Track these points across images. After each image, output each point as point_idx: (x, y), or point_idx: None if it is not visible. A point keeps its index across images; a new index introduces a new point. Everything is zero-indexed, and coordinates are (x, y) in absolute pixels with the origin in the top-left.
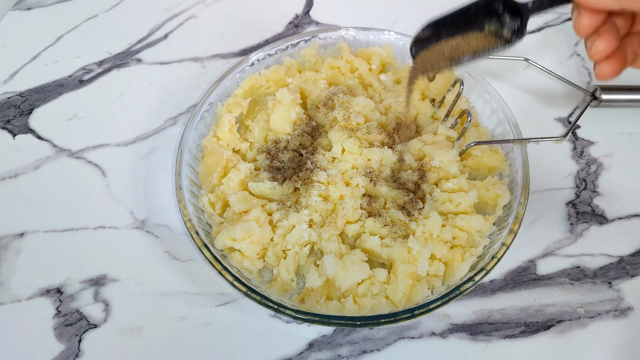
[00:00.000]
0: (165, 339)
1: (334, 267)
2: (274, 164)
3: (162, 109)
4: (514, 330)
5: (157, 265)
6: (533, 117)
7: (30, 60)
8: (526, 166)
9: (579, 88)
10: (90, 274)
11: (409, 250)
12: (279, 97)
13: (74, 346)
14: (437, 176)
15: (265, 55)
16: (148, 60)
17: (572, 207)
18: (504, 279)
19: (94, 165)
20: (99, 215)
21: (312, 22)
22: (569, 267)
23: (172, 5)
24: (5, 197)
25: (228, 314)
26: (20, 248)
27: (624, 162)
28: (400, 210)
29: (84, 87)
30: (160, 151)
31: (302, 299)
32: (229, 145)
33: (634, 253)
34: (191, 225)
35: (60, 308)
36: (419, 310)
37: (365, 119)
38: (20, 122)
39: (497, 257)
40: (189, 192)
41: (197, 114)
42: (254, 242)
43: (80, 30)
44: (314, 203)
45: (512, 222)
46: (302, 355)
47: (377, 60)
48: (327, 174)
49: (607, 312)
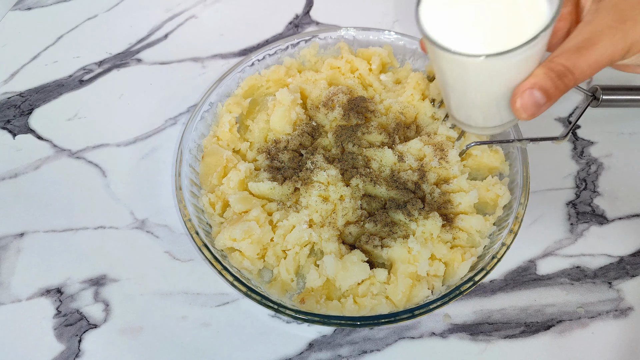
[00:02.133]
0: (165, 339)
1: (334, 267)
2: (274, 164)
3: (162, 109)
4: (514, 330)
5: (157, 265)
6: None
7: (30, 60)
8: (526, 166)
9: (579, 88)
10: (90, 274)
11: (409, 250)
12: (279, 97)
13: (74, 346)
14: (437, 176)
15: (265, 55)
16: (148, 60)
17: (572, 207)
18: (504, 279)
19: (94, 165)
20: (99, 215)
21: (312, 22)
22: (569, 267)
23: (172, 5)
24: (5, 197)
25: (228, 314)
26: (20, 248)
27: (624, 162)
28: (400, 210)
29: (84, 87)
30: (160, 151)
31: (302, 299)
32: (229, 145)
33: (634, 253)
34: (191, 225)
35: (60, 308)
36: (419, 310)
37: (366, 119)
38: (20, 122)
39: (497, 257)
40: (189, 192)
41: (197, 114)
42: (254, 242)
43: (80, 30)
44: (314, 203)
45: (512, 222)
46: (302, 355)
47: (377, 60)
48: (327, 174)
49: (607, 312)
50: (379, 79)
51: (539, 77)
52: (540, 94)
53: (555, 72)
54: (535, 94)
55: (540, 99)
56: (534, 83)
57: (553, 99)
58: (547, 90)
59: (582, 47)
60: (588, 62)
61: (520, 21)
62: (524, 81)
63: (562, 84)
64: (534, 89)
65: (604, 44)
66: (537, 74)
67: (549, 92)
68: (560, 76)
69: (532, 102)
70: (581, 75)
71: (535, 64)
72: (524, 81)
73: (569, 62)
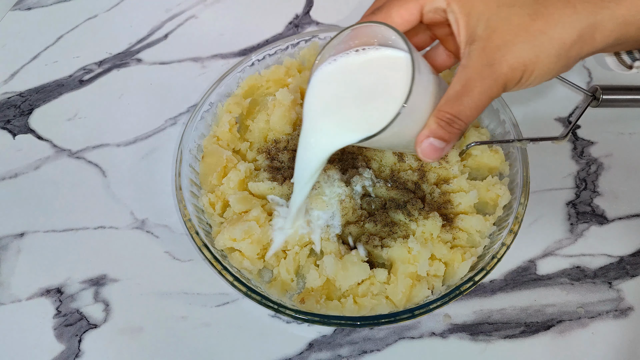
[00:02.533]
0: (165, 339)
1: (333, 267)
2: (274, 164)
3: (162, 109)
4: (514, 330)
5: (157, 265)
6: (533, 117)
7: (30, 60)
8: (526, 166)
9: (579, 88)
10: (90, 274)
11: (409, 250)
12: (279, 97)
13: (74, 346)
14: (437, 176)
15: (265, 55)
16: (148, 60)
17: (572, 207)
18: (504, 279)
19: (94, 165)
20: (99, 215)
21: (312, 22)
22: (569, 267)
23: (172, 5)
24: (5, 197)
25: (228, 314)
26: (20, 248)
27: (624, 162)
28: (400, 210)
29: (84, 87)
30: (160, 151)
31: (302, 299)
32: (229, 145)
33: (634, 253)
34: (191, 225)
35: (60, 308)
36: (419, 310)
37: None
38: (20, 122)
39: (497, 257)
40: (189, 192)
41: (197, 114)
42: (254, 242)
43: (80, 30)
44: (313, 203)
45: (512, 222)
46: (302, 355)
47: None
48: (327, 175)
49: (607, 312)
50: None
51: (432, 127)
52: (437, 141)
53: (445, 120)
54: (433, 142)
55: (438, 145)
56: (428, 133)
57: (451, 141)
58: (442, 137)
59: (461, 94)
60: (470, 108)
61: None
62: (421, 131)
63: (454, 130)
64: (429, 138)
65: (478, 90)
66: (430, 124)
67: (444, 138)
68: (449, 123)
69: (431, 149)
70: (468, 118)
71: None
72: (421, 131)
73: (453, 110)
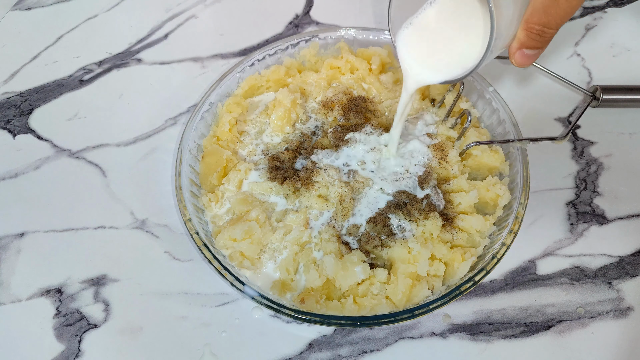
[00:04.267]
0: (165, 339)
1: (334, 267)
2: (274, 164)
3: (162, 109)
4: (514, 330)
5: (157, 265)
6: (533, 117)
7: (30, 60)
8: (526, 166)
9: (579, 88)
10: (90, 274)
11: (409, 250)
12: (279, 97)
13: (74, 346)
14: (437, 176)
15: (265, 55)
16: (148, 60)
17: (572, 207)
18: (504, 279)
19: (94, 165)
20: (99, 215)
21: (312, 22)
22: (569, 267)
23: (172, 5)
24: (5, 197)
25: (228, 314)
26: (20, 248)
27: (624, 162)
28: (400, 210)
29: (84, 87)
30: (160, 151)
31: (302, 299)
32: (229, 146)
33: (634, 253)
34: (191, 226)
35: (60, 308)
36: (419, 310)
37: (366, 119)
38: (20, 122)
39: (497, 257)
40: (189, 192)
41: (197, 114)
42: (254, 242)
43: (80, 30)
44: (313, 203)
45: (512, 222)
46: (302, 355)
47: (377, 60)
48: (327, 175)
49: (607, 312)
50: (379, 79)
51: (522, 39)
52: (529, 50)
53: (535, 32)
54: (526, 52)
55: (531, 53)
56: (520, 45)
57: (543, 48)
58: (534, 47)
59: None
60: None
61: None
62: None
63: (545, 39)
64: (522, 49)
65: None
66: (520, 37)
67: (537, 47)
68: (540, 34)
69: (526, 58)
70: (557, 26)
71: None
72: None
73: (542, 21)
